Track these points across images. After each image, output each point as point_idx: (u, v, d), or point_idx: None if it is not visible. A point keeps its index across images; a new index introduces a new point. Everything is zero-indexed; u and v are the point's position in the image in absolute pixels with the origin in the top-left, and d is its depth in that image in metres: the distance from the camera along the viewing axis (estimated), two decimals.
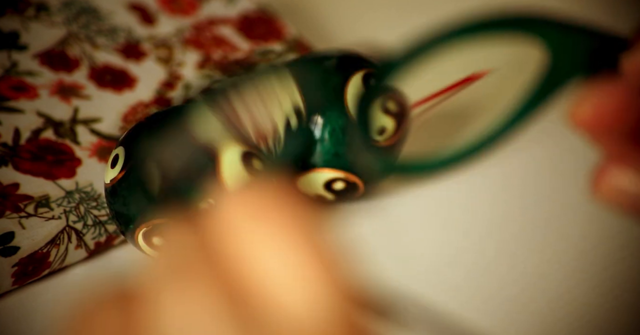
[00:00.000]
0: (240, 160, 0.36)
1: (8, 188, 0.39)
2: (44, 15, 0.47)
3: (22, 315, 0.38)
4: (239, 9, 0.50)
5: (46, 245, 0.38)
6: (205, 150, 0.31)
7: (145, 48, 0.47)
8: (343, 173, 0.40)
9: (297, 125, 0.32)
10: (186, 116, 0.26)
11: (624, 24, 0.24)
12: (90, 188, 0.41)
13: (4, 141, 0.41)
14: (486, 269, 0.40)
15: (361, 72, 0.40)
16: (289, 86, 0.31)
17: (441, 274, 0.40)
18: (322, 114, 0.39)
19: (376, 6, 0.55)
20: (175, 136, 0.26)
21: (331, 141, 0.39)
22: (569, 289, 0.40)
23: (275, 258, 0.18)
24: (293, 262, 0.18)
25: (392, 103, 0.40)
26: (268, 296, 0.18)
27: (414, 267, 0.40)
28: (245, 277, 0.18)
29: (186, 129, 0.26)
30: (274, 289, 0.18)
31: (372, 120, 0.26)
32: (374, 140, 0.39)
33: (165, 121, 0.36)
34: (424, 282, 0.39)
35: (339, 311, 0.17)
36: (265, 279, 0.18)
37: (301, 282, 0.17)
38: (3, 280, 0.37)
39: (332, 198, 0.41)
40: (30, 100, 0.43)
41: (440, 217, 0.42)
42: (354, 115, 0.33)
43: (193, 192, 0.30)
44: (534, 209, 0.43)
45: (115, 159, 0.37)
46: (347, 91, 0.39)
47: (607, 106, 0.21)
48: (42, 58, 0.45)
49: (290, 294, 0.17)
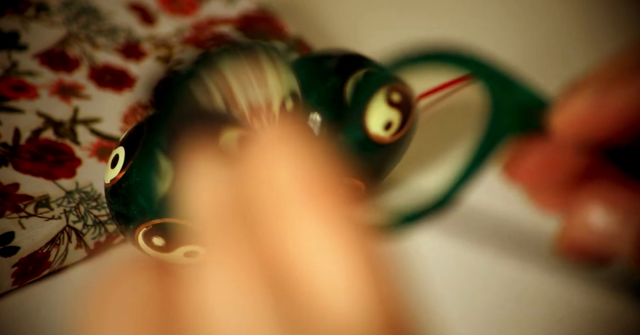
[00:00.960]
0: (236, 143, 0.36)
1: (8, 188, 0.40)
2: (44, 15, 0.47)
3: (22, 315, 0.38)
4: (239, 9, 0.50)
5: (46, 245, 0.38)
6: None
7: (145, 48, 0.47)
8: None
9: (293, 108, 0.32)
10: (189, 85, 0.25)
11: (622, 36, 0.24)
12: (90, 188, 0.41)
13: (4, 141, 0.41)
14: (487, 268, 0.40)
15: (361, 71, 0.40)
16: (285, 71, 0.31)
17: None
18: (321, 113, 0.39)
19: (376, 6, 0.55)
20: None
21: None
22: (570, 290, 0.40)
23: (323, 253, 0.18)
24: (342, 262, 0.18)
25: (397, 94, 0.40)
26: (311, 289, 0.18)
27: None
28: (289, 264, 0.18)
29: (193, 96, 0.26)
30: (317, 282, 0.17)
31: (368, 112, 0.26)
32: (377, 136, 0.39)
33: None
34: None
35: (379, 320, 0.17)
36: (309, 271, 0.18)
37: (347, 284, 0.17)
38: (3, 280, 0.37)
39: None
40: (30, 100, 0.43)
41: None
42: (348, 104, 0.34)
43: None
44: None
45: (115, 159, 0.37)
46: (346, 91, 0.39)
47: (535, 162, 0.23)
48: (42, 58, 0.45)
49: (334, 294, 0.17)
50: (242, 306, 0.17)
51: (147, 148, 0.36)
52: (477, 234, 0.42)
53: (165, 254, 0.37)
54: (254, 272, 0.18)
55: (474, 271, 0.39)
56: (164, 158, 0.30)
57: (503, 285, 0.40)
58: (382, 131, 0.39)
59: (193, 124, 0.23)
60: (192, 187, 0.19)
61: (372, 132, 0.39)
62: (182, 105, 0.25)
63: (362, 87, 0.31)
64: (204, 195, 0.19)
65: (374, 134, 0.39)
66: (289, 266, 0.18)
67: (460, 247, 0.41)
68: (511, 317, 0.39)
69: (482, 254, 0.40)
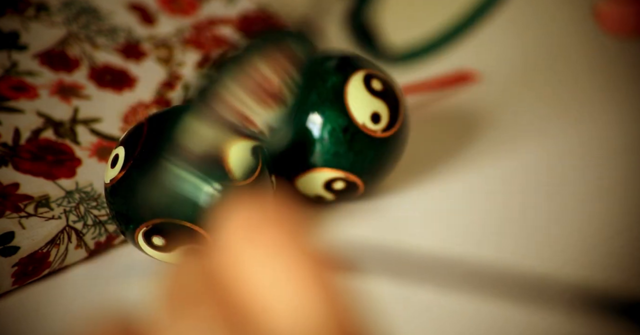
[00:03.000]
0: (249, 153, 0.36)
1: (8, 188, 0.40)
2: (44, 15, 0.47)
3: (22, 315, 0.38)
4: (239, 9, 0.50)
5: (46, 245, 0.38)
6: (207, 157, 0.31)
7: (145, 48, 0.47)
8: (343, 173, 0.40)
9: (285, 111, 0.33)
10: (178, 133, 0.26)
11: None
12: (90, 188, 0.41)
13: (4, 141, 0.41)
14: (485, 270, 0.40)
15: (362, 72, 0.40)
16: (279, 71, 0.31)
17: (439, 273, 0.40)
18: (322, 113, 0.39)
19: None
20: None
21: (331, 141, 0.39)
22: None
23: (270, 273, 0.18)
24: (286, 274, 0.18)
25: (377, 82, 0.40)
26: (263, 308, 0.18)
27: (411, 267, 0.40)
28: (245, 298, 0.18)
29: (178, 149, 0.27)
30: (268, 300, 0.18)
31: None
32: (368, 129, 0.39)
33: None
34: (422, 281, 0.39)
35: (331, 319, 0.18)
36: (261, 294, 0.18)
37: (293, 292, 0.18)
38: (3, 280, 0.37)
39: (332, 198, 0.41)
40: (30, 100, 0.43)
41: (440, 217, 0.42)
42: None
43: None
44: (533, 209, 0.43)
45: (115, 159, 0.37)
46: (347, 91, 0.39)
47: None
48: (42, 58, 0.45)
49: (283, 304, 0.18)
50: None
51: (148, 147, 0.36)
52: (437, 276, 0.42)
53: (165, 254, 0.37)
54: (213, 313, 0.18)
55: (431, 308, 0.39)
56: (166, 156, 0.30)
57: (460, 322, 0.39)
58: (371, 123, 0.39)
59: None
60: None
61: (359, 123, 0.39)
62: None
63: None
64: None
65: (362, 125, 0.39)
66: (247, 301, 0.18)
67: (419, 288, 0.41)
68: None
69: (440, 293, 0.40)
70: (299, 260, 0.18)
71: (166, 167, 0.29)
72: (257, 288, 0.18)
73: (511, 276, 0.25)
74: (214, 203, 0.34)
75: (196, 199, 0.35)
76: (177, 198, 0.34)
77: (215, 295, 0.19)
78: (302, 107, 0.38)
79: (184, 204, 0.35)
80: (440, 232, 0.41)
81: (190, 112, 0.28)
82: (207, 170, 0.31)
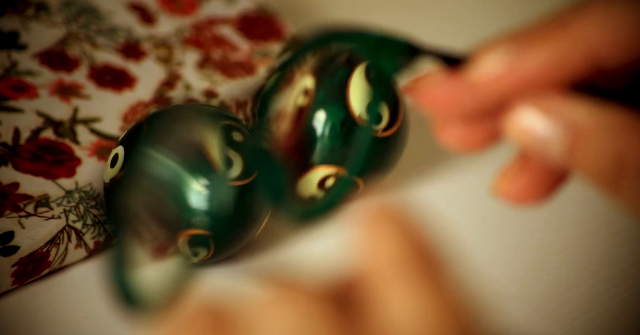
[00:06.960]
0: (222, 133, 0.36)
1: (8, 188, 0.40)
2: (44, 15, 0.47)
3: (22, 315, 0.38)
4: (239, 9, 0.50)
5: (46, 245, 0.38)
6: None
7: (145, 48, 0.47)
8: (337, 169, 0.39)
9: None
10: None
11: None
12: (90, 188, 0.41)
13: (4, 141, 0.41)
14: (487, 268, 0.40)
15: (362, 65, 0.40)
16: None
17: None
18: (326, 110, 0.39)
19: (376, 6, 0.55)
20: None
21: (329, 137, 0.39)
22: (570, 288, 0.40)
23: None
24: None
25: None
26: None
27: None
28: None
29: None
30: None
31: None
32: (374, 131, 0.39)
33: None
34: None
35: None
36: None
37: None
38: (3, 280, 0.37)
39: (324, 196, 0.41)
40: (30, 100, 0.43)
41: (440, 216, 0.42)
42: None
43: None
44: (533, 208, 0.43)
45: (115, 159, 0.37)
46: (350, 85, 0.39)
47: (444, 92, 0.24)
48: (42, 58, 0.45)
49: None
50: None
51: (148, 146, 0.36)
52: None
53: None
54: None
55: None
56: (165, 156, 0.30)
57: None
58: (374, 126, 0.39)
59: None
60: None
61: (356, 115, 0.39)
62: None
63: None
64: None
65: (358, 118, 0.39)
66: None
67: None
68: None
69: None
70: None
71: (163, 165, 0.29)
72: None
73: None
74: (208, 201, 0.34)
75: (189, 197, 0.35)
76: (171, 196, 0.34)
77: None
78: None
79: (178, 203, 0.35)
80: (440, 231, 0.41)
81: (190, 112, 0.28)
82: (194, 166, 0.31)
